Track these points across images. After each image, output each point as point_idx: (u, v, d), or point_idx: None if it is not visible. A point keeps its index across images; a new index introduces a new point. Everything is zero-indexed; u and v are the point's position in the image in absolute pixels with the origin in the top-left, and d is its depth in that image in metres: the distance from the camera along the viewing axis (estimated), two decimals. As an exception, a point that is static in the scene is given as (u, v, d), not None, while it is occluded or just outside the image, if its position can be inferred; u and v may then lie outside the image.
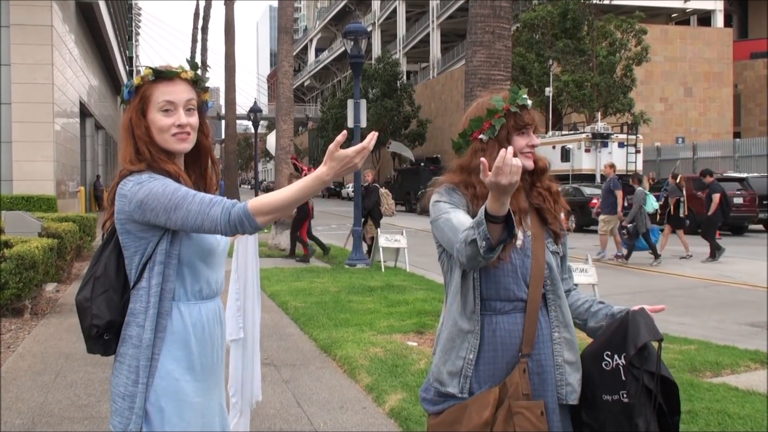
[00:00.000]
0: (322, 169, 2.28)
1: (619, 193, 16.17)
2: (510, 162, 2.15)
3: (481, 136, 2.62)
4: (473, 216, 2.44)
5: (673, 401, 2.62)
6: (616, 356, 2.52)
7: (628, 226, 15.70)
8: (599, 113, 37.60)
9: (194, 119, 2.49)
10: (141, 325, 2.43)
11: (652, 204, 16.16)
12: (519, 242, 2.58)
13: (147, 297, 2.43)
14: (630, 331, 2.49)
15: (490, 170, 2.18)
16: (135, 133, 2.47)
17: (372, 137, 2.30)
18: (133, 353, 2.44)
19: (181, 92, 2.46)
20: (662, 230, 16.80)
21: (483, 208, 2.26)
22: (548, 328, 2.60)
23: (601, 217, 16.48)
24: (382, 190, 17.21)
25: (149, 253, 2.44)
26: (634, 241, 15.79)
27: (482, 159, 2.22)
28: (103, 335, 2.50)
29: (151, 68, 2.48)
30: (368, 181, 16.76)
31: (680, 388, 5.91)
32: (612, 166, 16.99)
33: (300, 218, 16.26)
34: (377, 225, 16.05)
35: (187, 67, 2.53)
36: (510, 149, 2.19)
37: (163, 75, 2.46)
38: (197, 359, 2.51)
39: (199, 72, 2.57)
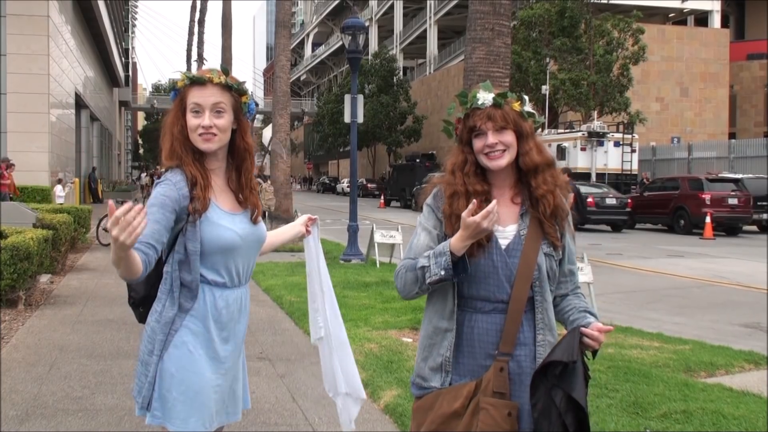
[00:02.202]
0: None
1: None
2: (476, 221, 2.39)
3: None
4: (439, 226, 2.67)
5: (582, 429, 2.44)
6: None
7: None
8: (595, 112, 37.63)
9: (221, 121, 2.68)
10: (164, 303, 2.70)
11: None
12: (506, 241, 2.60)
13: (171, 280, 2.70)
14: (556, 347, 2.47)
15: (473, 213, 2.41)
16: (172, 131, 2.72)
17: (495, 204, 2.44)
18: (154, 326, 2.70)
19: (209, 96, 2.67)
20: None
21: (447, 242, 2.48)
22: (532, 330, 2.59)
23: None
24: (264, 185, 18.53)
25: (170, 243, 2.69)
26: None
27: (473, 202, 2.46)
28: (139, 307, 2.86)
29: (186, 74, 2.75)
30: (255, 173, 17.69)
31: (675, 389, 5.93)
32: None
33: None
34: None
35: (219, 73, 2.73)
36: (493, 204, 2.41)
37: (194, 80, 2.70)
38: (216, 340, 2.74)
39: (232, 77, 2.76)
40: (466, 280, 2.57)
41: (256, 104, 2.92)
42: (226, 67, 2.79)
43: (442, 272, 2.49)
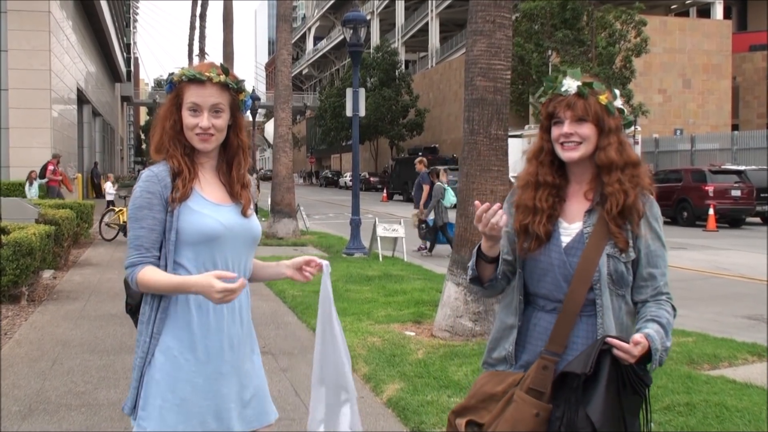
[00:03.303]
0: (200, 280, 2.44)
1: (426, 188, 16.36)
2: (486, 217, 2.39)
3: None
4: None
5: None
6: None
7: (427, 220, 16.04)
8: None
9: (219, 121, 2.62)
10: (148, 303, 2.61)
11: (450, 198, 16.37)
12: (568, 239, 2.52)
13: None
14: (575, 357, 2.39)
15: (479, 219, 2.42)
16: (164, 125, 2.67)
17: (241, 283, 2.42)
18: (141, 329, 2.63)
19: (208, 96, 2.60)
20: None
21: (479, 244, 2.53)
22: (590, 334, 2.47)
23: (413, 211, 16.93)
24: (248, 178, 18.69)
25: None
26: (434, 234, 16.05)
27: (475, 203, 2.48)
28: (135, 314, 2.73)
29: (184, 70, 2.66)
30: None
31: (678, 381, 5.92)
32: (421, 161, 17.35)
33: None
34: None
35: (219, 71, 2.65)
36: (485, 206, 2.40)
37: (193, 79, 2.62)
38: (200, 341, 2.59)
39: (231, 75, 2.70)
40: (525, 278, 2.58)
41: (254, 99, 2.83)
42: (225, 65, 2.73)
43: (470, 271, 2.56)
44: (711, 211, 23.43)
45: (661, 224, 2.55)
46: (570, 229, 2.52)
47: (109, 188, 24.94)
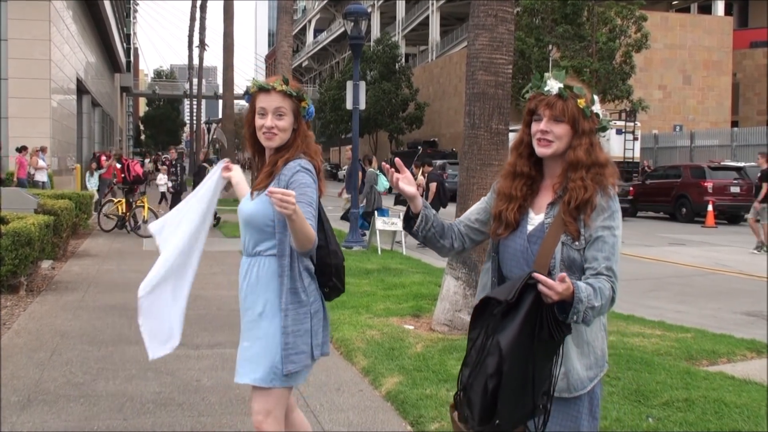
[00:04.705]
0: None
1: (359, 175, 16.80)
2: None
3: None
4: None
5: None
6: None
7: (361, 205, 16.41)
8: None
9: (282, 122, 3.20)
10: None
11: (383, 184, 16.63)
12: (531, 228, 2.73)
13: None
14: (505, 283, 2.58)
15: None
16: (245, 129, 3.32)
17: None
18: None
19: (272, 101, 3.19)
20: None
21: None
22: None
23: (345, 196, 17.65)
24: (210, 169, 19.49)
25: None
26: (366, 220, 16.38)
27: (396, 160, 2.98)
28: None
29: (255, 81, 3.29)
30: (201, 159, 20.02)
31: (677, 377, 5.92)
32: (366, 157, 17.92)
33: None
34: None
35: (281, 81, 3.23)
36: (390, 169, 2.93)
37: (261, 87, 3.24)
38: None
39: (293, 84, 3.26)
40: (499, 261, 2.81)
41: (313, 110, 3.35)
42: (287, 77, 3.26)
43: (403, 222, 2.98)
44: (710, 208, 23.44)
45: (616, 218, 2.68)
46: (534, 219, 2.75)
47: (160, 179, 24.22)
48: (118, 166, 21.74)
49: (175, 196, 19.56)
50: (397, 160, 3.00)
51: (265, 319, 3.16)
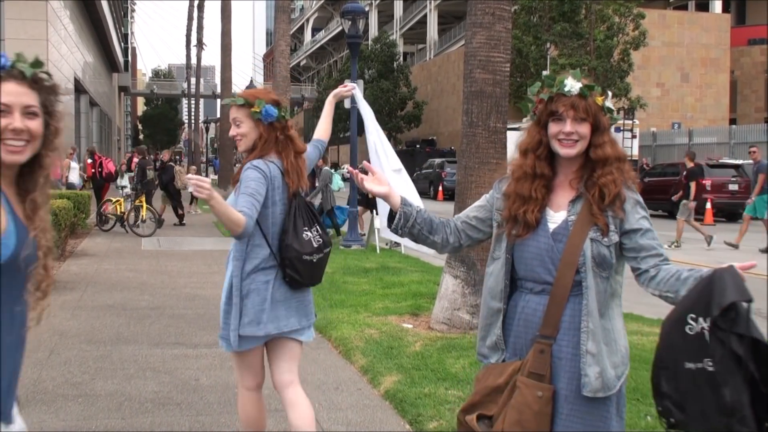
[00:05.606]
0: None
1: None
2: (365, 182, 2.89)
3: (528, 117, 2.84)
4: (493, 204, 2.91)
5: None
6: (700, 319, 2.30)
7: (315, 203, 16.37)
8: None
9: (241, 129, 3.74)
10: None
11: (338, 183, 16.75)
12: (554, 226, 2.71)
13: None
14: (716, 292, 2.27)
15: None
16: None
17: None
18: None
19: (232, 113, 3.75)
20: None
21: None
22: (577, 315, 2.65)
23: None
24: (177, 168, 20.72)
25: None
26: (330, 218, 16.44)
27: (364, 163, 3.02)
28: None
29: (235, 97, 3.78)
30: (164, 159, 20.35)
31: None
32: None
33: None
34: (173, 198, 19.69)
35: (237, 97, 3.75)
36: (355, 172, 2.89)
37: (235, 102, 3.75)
38: None
39: (248, 95, 3.77)
40: (514, 262, 2.77)
41: (275, 105, 3.72)
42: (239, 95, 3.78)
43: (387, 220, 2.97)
44: (708, 205, 23.43)
45: (645, 207, 2.76)
46: (556, 216, 2.73)
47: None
48: (90, 161, 21.54)
49: (148, 195, 18.89)
50: (365, 163, 3.05)
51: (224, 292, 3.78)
